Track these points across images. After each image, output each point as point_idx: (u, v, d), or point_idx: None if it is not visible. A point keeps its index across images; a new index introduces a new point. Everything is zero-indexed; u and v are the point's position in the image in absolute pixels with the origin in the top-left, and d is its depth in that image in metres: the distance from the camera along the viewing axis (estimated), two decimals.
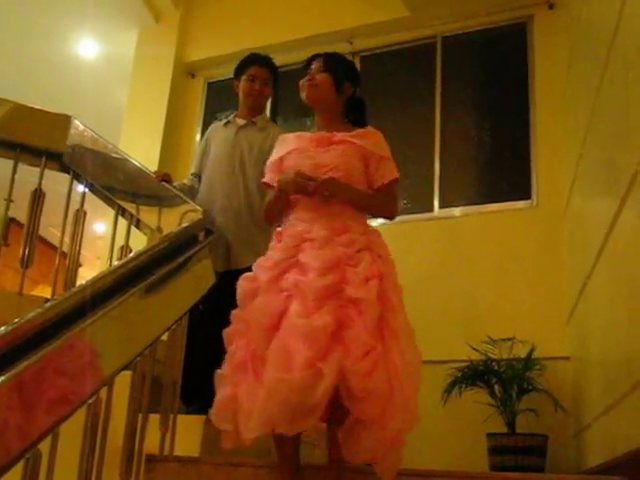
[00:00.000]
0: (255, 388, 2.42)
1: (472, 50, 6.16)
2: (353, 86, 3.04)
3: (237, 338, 2.61)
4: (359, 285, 2.51)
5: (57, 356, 2.20)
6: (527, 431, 4.39)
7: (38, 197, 3.89)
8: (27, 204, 3.84)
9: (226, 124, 4.13)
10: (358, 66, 6.39)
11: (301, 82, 2.97)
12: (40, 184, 3.91)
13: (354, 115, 3.05)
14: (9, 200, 3.86)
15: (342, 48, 6.42)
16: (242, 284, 2.69)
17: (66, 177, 4.04)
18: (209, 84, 7.20)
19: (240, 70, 4.14)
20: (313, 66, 2.99)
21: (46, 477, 2.23)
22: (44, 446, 2.27)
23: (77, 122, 4.09)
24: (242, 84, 4.09)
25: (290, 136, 3.03)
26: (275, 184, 2.89)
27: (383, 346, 2.46)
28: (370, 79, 6.28)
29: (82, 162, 4.05)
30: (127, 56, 7.42)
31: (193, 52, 7.19)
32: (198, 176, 4.13)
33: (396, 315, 2.56)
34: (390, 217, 2.99)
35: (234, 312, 2.69)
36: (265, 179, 3.00)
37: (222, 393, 2.55)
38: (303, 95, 2.96)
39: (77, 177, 4.05)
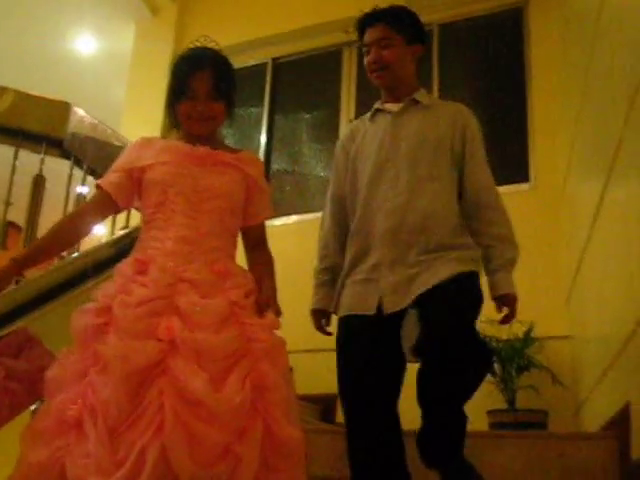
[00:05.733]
0: (107, 461, 1.84)
1: (469, 37, 6.20)
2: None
3: (66, 387, 2.00)
4: (265, 332, 2.13)
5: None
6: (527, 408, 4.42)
7: (39, 183, 3.95)
8: (26, 205, 3.88)
9: (373, 117, 2.85)
10: (355, 56, 6.45)
11: (188, 109, 2.34)
12: (41, 170, 3.97)
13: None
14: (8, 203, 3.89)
15: (338, 38, 6.48)
16: (79, 318, 2.10)
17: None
18: None
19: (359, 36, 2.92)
20: (196, 83, 2.31)
21: None
22: None
23: (76, 109, 4.14)
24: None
25: (157, 142, 2.42)
26: (110, 188, 2.33)
27: None
28: None
29: (82, 148, 4.10)
30: (125, 51, 7.45)
31: (191, 45, 7.18)
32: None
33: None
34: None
35: (61, 355, 2.12)
36: (101, 180, 2.37)
37: (34, 456, 1.94)
38: (194, 128, 2.38)
39: (78, 163, 4.11)
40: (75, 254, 2.64)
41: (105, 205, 2.35)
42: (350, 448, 2.55)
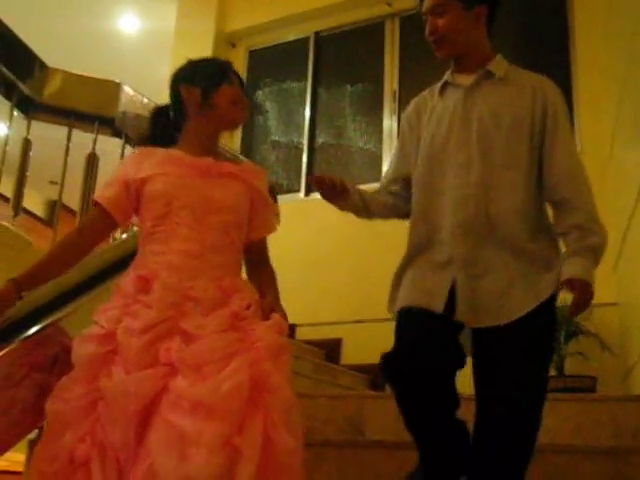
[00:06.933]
0: None
1: (511, 3, 6.14)
2: None
3: (74, 424, 1.90)
4: (269, 332, 2.02)
5: None
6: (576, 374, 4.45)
7: (92, 161, 4.05)
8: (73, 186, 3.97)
9: (442, 90, 2.51)
10: (397, 28, 6.45)
11: (234, 93, 2.32)
12: (94, 148, 4.07)
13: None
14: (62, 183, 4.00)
15: (381, 10, 6.49)
16: (83, 346, 2.01)
17: None
18: (250, 52, 7.28)
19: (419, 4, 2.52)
20: (233, 75, 2.35)
21: None
22: None
23: (127, 87, 4.22)
24: None
25: (158, 153, 2.28)
26: (107, 204, 2.21)
27: None
28: (410, 41, 6.31)
29: (132, 126, 4.18)
30: (168, 30, 7.52)
31: (233, 21, 7.25)
32: (401, 181, 2.59)
33: None
34: None
35: (62, 385, 1.99)
36: (96, 195, 2.26)
37: None
38: (237, 115, 2.35)
39: (128, 141, 4.20)
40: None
41: (103, 222, 2.24)
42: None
